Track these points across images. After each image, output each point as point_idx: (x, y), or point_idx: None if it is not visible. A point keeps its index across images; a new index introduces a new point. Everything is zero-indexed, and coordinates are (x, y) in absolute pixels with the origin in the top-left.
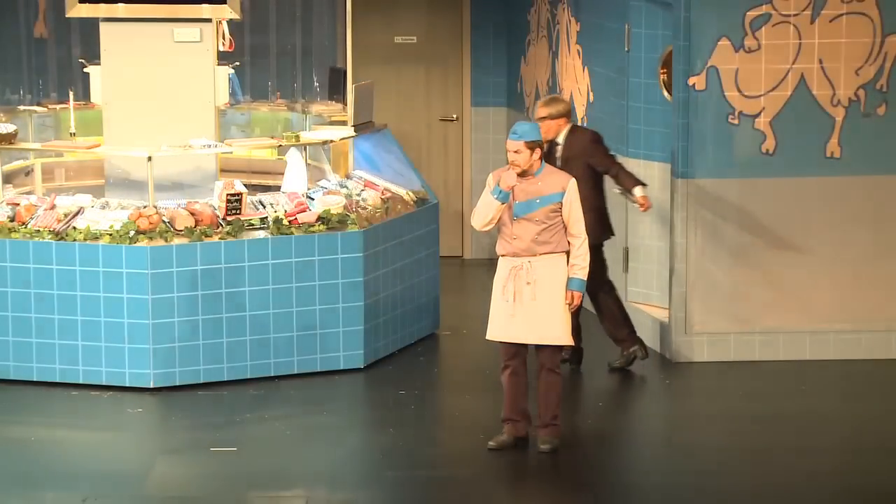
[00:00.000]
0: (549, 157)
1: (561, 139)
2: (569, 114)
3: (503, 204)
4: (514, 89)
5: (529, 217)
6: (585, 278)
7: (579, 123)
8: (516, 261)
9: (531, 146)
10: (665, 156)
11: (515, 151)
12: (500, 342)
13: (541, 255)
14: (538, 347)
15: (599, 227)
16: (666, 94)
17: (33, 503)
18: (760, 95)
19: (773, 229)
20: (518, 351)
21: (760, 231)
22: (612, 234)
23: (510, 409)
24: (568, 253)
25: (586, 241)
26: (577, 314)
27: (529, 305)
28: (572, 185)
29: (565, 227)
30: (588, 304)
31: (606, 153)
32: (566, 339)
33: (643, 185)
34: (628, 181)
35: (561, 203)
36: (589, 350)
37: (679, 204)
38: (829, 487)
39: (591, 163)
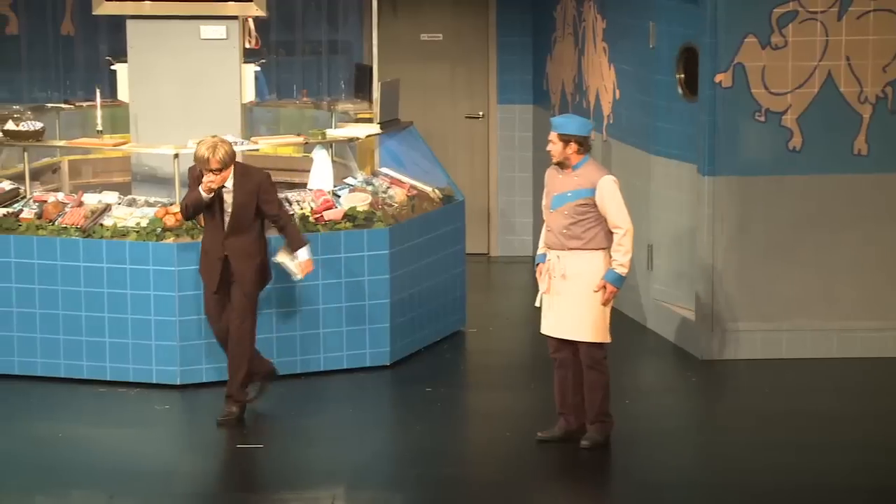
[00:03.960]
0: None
1: (229, 183)
2: (234, 156)
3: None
4: (541, 87)
5: (560, 210)
6: (623, 271)
7: (604, 122)
8: (550, 254)
9: (564, 139)
10: (689, 154)
11: (550, 141)
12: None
13: (571, 249)
14: (579, 343)
15: (260, 275)
16: (681, 92)
17: (60, 500)
18: (787, 92)
19: (799, 227)
20: (560, 345)
21: (787, 228)
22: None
23: (559, 402)
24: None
25: (628, 233)
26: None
27: (558, 300)
28: (604, 181)
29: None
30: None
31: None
32: (594, 336)
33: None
34: (296, 240)
35: (592, 199)
36: (614, 348)
37: (705, 201)
38: (857, 485)
39: (263, 207)
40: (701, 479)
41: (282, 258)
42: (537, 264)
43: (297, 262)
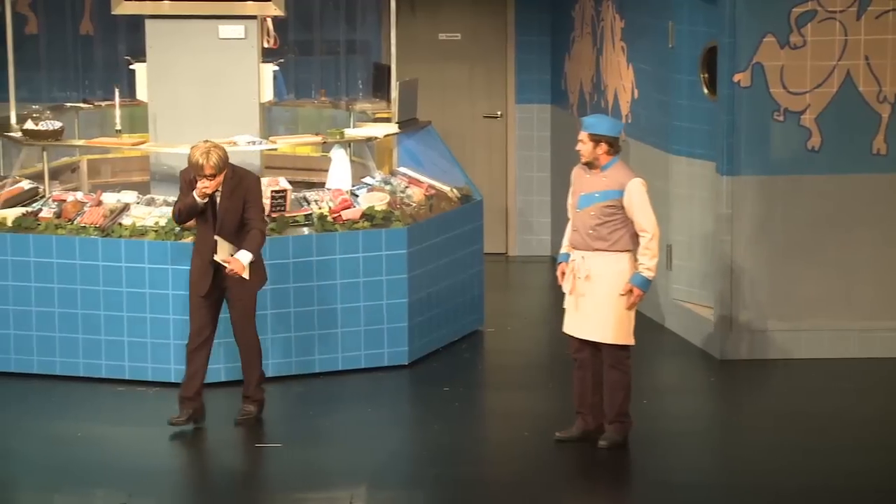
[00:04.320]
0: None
1: (221, 186)
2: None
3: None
4: (559, 86)
5: (586, 210)
6: (649, 275)
7: (623, 122)
8: (575, 254)
9: (595, 139)
10: (708, 153)
11: (580, 141)
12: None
13: (596, 250)
14: (601, 344)
15: (255, 276)
16: (706, 92)
17: (79, 499)
18: (806, 92)
19: (818, 226)
20: (581, 345)
21: (806, 228)
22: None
23: (577, 402)
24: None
25: (654, 237)
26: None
27: (581, 301)
28: (633, 184)
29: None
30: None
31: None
32: (617, 339)
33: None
34: (252, 245)
35: (619, 201)
36: (633, 348)
37: (724, 201)
38: (876, 486)
39: (245, 207)
40: (719, 479)
41: (220, 256)
42: (559, 263)
43: (233, 256)
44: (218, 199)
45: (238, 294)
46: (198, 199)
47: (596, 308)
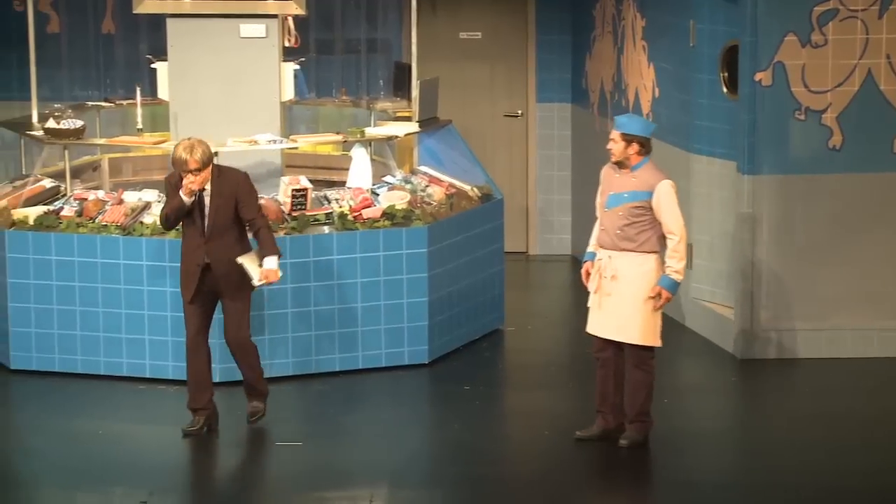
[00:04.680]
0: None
1: (207, 185)
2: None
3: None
4: (580, 85)
5: (615, 210)
6: (678, 278)
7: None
8: (602, 253)
9: (627, 138)
10: (729, 152)
11: (612, 140)
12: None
13: (623, 251)
14: (625, 343)
15: (245, 278)
16: (725, 91)
17: (99, 496)
18: (827, 91)
19: (839, 225)
20: (604, 345)
21: (827, 227)
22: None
23: (599, 401)
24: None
25: (682, 240)
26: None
27: (606, 301)
28: (662, 186)
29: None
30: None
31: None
32: (642, 339)
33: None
34: (268, 246)
35: (648, 202)
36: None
37: (745, 200)
38: None
39: (240, 209)
40: (740, 478)
41: (244, 260)
42: (584, 262)
43: (261, 269)
44: (207, 200)
45: (228, 298)
46: (184, 198)
47: (622, 308)
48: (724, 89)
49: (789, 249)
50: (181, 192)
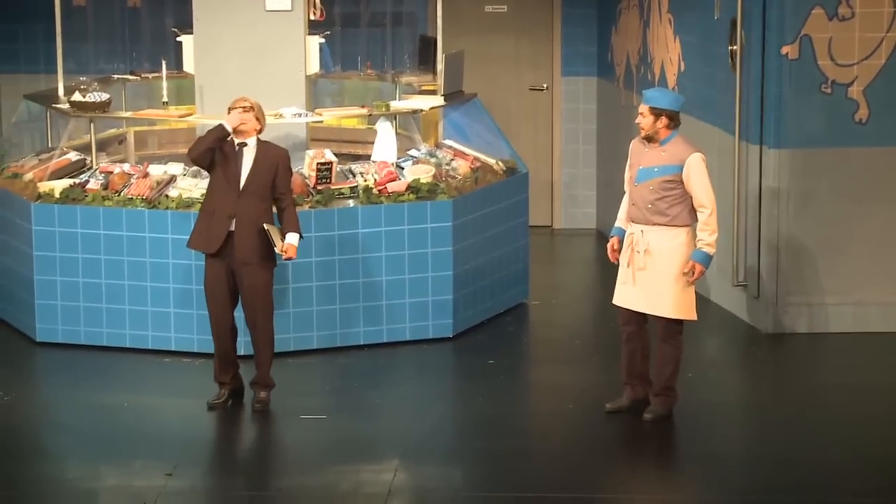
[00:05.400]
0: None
1: (252, 143)
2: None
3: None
4: (605, 59)
5: (645, 184)
6: (710, 251)
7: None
8: (633, 227)
9: (656, 112)
10: (752, 126)
11: (641, 114)
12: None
13: (655, 225)
14: (655, 317)
15: (268, 251)
16: (731, 64)
17: (124, 468)
18: (854, 64)
19: (865, 199)
20: (631, 317)
21: (853, 201)
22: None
23: (626, 373)
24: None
25: (713, 213)
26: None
27: (639, 274)
28: (692, 159)
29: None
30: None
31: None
32: (675, 313)
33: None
34: (292, 223)
35: (678, 175)
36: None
37: (770, 174)
38: None
39: (278, 180)
40: (764, 452)
41: (269, 227)
42: (611, 237)
43: (284, 242)
44: (249, 161)
45: (251, 282)
46: (227, 125)
47: (655, 282)
48: (730, 63)
49: (815, 224)
50: (226, 120)
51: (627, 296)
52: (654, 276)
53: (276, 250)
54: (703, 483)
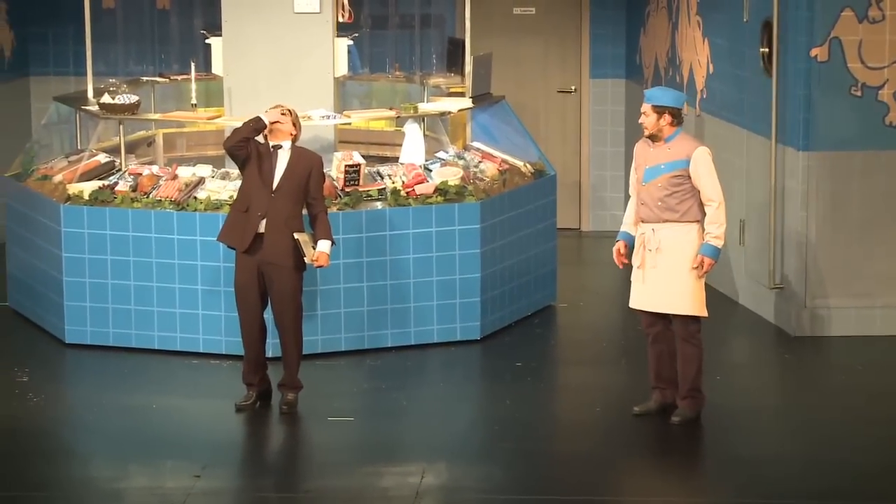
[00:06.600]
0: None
1: (287, 146)
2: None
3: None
4: (634, 61)
5: (653, 182)
6: (718, 244)
7: (697, 97)
8: (644, 227)
9: (658, 110)
10: (781, 129)
11: (643, 113)
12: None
13: (666, 222)
14: (673, 317)
15: (296, 258)
16: (763, 67)
17: (152, 469)
18: (884, 67)
19: (894, 202)
20: (654, 320)
21: (882, 204)
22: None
23: (654, 376)
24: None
25: (721, 206)
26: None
27: (652, 273)
28: (698, 152)
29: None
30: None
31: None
32: (691, 310)
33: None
34: (324, 231)
35: (686, 170)
36: (707, 323)
37: (800, 177)
38: None
39: (311, 185)
40: (793, 455)
41: (299, 236)
42: (617, 241)
43: (315, 250)
44: (283, 163)
45: (281, 286)
46: (264, 118)
47: (668, 280)
48: (762, 65)
49: (843, 226)
50: (263, 114)
51: (643, 298)
52: (667, 274)
53: (306, 260)
54: (731, 487)
